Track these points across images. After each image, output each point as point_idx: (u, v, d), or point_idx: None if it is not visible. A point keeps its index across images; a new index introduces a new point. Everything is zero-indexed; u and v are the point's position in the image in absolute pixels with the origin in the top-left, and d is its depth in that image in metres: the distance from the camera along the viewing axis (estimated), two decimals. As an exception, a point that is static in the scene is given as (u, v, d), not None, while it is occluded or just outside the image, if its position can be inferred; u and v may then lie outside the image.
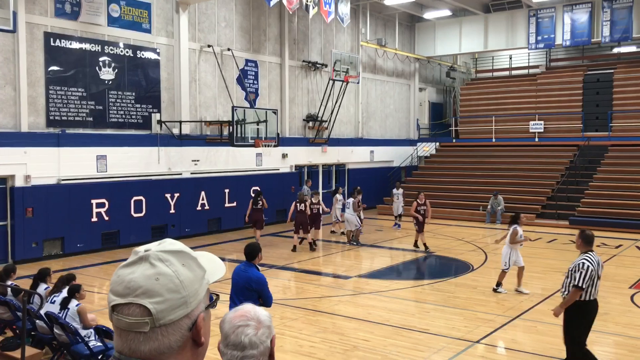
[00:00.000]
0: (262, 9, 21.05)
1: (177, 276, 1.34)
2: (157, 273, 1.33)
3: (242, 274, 6.61)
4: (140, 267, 1.34)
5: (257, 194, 17.39)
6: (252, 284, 6.48)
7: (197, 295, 1.37)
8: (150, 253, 1.36)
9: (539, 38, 26.06)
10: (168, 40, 18.02)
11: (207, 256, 1.53)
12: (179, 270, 1.35)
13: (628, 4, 23.84)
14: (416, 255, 16.27)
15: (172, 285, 1.33)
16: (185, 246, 1.43)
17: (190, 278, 1.37)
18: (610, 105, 25.52)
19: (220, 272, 1.51)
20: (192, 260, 1.40)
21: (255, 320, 1.89)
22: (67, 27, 15.54)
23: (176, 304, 1.32)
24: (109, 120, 16.60)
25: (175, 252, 1.38)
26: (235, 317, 1.91)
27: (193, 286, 1.36)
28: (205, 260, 1.48)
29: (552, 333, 9.14)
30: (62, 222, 15.19)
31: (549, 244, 17.39)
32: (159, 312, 1.30)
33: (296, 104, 22.96)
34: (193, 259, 1.41)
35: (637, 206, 20.40)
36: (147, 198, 17.11)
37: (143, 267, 1.34)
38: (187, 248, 1.43)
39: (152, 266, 1.34)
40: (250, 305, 1.99)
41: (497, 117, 27.39)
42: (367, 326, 9.50)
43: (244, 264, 6.77)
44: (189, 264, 1.39)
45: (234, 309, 1.99)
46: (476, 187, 24.15)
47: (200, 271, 1.41)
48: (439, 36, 28.96)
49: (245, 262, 6.79)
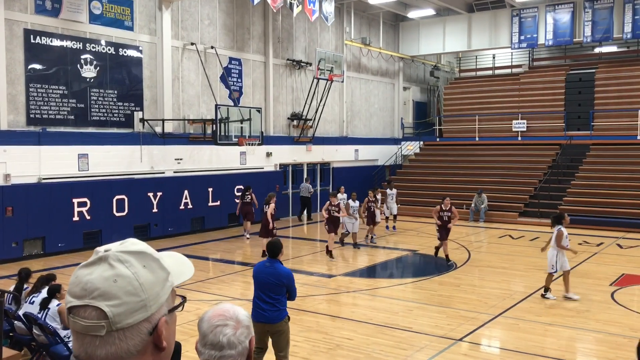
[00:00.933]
0: (246, 7, 20.96)
1: (137, 278, 1.29)
2: (116, 275, 1.28)
3: (270, 271, 6.73)
4: (99, 268, 1.29)
5: (246, 188, 18.40)
6: (283, 279, 6.66)
7: (158, 298, 1.32)
8: (109, 253, 1.31)
9: (522, 38, 26.25)
10: (151, 38, 17.87)
11: (174, 257, 1.47)
12: (139, 272, 1.30)
13: (609, 5, 24.10)
14: (400, 253, 16.30)
15: (130, 287, 1.28)
16: (148, 246, 1.38)
17: (151, 280, 1.31)
18: (592, 104, 25.77)
19: (188, 273, 1.46)
20: (154, 261, 1.35)
21: (234, 320, 1.85)
22: (47, 24, 15.35)
23: (134, 307, 1.27)
24: (90, 119, 16.43)
25: (136, 253, 1.33)
26: (214, 316, 1.88)
27: (154, 289, 1.31)
28: (172, 261, 1.43)
29: (534, 331, 9.21)
30: (43, 222, 14.99)
31: (532, 242, 17.51)
32: (116, 316, 1.26)
33: (280, 103, 22.91)
34: (155, 260, 1.35)
35: (618, 204, 20.64)
36: (130, 197, 16.96)
37: (101, 268, 1.29)
38: (150, 249, 1.38)
39: (110, 267, 1.29)
40: (229, 305, 1.96)
41: (480, 116, 27.55)
42: (350, 325, 9.49)
43: (268, 261, 6.88)
44: (151, 265, 1.33)
45: (213, 308, 1.95)
46: (460, 185, 24.26)
47: (162, 273, 1.35)
48: (423, 35, 29.06)
49: (268, 258, 6.93)
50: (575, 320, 9.71)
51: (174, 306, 1.39)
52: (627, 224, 19.63)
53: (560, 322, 9.57)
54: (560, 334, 9.01)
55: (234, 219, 20.39)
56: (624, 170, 22.35)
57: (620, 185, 21.65)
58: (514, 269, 13.88)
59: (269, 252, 6.94)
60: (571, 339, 8.98)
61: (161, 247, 16.41)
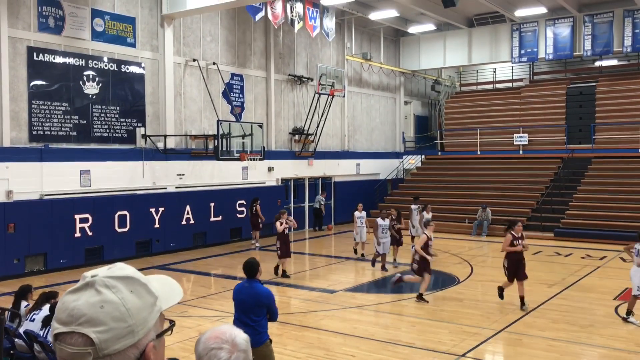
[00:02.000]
0: (247, 23, 21.10)
1: (124, 304, 1.29)
2: (102, 300, 1.28)
3: (249, 291, 6.47)
4: (86, 293, 1.29)
5: (253, 200, 19.47)
6: (263, 299, 6.40)
7: (146, 323, 1.31)
8: (96, 279, 1.31)
9: (522, 52, 26.36)
10: (153, 55, 17.98)
11: (162, 280, 1.47)
12: (126, 297, 1.30)
13: (609, 19, 24.21)
14: (403, 268, 16.23)
15: (117, 313, 1.27)
16: (136, 271, 1.38)
17: (139, 306, 1.31)
18: (593, 117, 25.80)
19: (176, 297, 1.45)
20: (142, 286, 1.34)
21: (230, 344, 1.80)
22: (50, 41, 15.47)
23: (121, 333, 1.27)
24: (92, 135, 16.49)
25: (123, 278, 1.33)
26: (210, 338, 1.84)
27: (141, 314, 1.30)
28: (160, 285, 1.42)
29: (537, 346, 9.15)
30: (45, 238, 15.00)
31: (534, 256, 17.43)
32: (103, 342, 1.25)
33: (282, 118, 22.98)
34: (143, 285, 1.35)
35: (621, 217, 20.58)
36: (132, 213, 16.97)
37: (88, 293, 1.29)
38: (138, 273, 1.37)
39: (97, 293, 1.29)
40: (228, 326, 1.92)
41: (481, 129, 27.59)
42: (352, 341, 9.44)
43: (246, 281, 6.62)
44: (138, 290, 1.33)
45: (211, 329, 1.93)
46: (462, 199, 24.24)
47: (150, 298, 1.35)
48: (423, 50, 29.20)
49: (246, 279, 6.66)
50: (579, 335, 9.64)
51: (162, 330, 1.38)
52: (630, 238, 19.46)
53: (564, 337, 9.50)
54: (564, 349, 8.95)
55: (236, 234, 20.39)
56: (626, 183, 22.32)
57: (623, 198, 21.60)
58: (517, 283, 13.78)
59: (245, 272, 6.66)
60: (575, 354, 8.91)
61: (163, 262, 16.40)
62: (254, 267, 6.64)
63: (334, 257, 17.90)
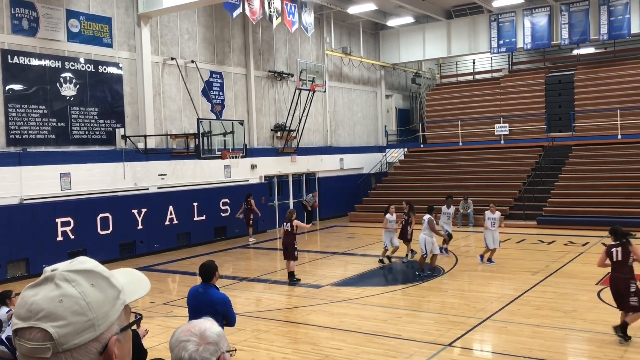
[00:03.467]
0: (225, 20, 20.97)
1: (84, 298, 1.26)
2: (61, 295, 1.25)
3: (203, 297, 6.15)
4: (45, 288, 1.27)
5: (247, 195, 19.80)
6: (217, 306, 6.01)
7: (108, 317, 1.29)
8: (56, 273, 1.29)
9: (501, 42, 26.52)
10: (130, 54, 17.81)
11: (129, 274, 1.45)
12: (86, 291, 1.28)
13: (585, 7, 24.43)
14: (386, 261, 16.29)
15: (77, 307, 1.25)
16: (98, 264, 1.36)
17: (100, 299, 1.29)
18: (572, 105, 26.05)
19: (143, 290, 1.43)
20: (104, 279, 1.32)
21: (198, 336, 1.81)
22: (25, 43, 15.24)
23: (82, 327, 1.25)
24: (72, 137, 16.30)
25: (84, 272, 1.31)
26: (182, 331, 1.85)
27: (102, 308, 1.29)
28: (125, 278, 1.41)
29: (523, 333, 9.23)
30: (26, 243, 14.81)
31: (518, 245, 17.60)
32: (62, 337, 1.23)
33: (263, 114, 22.90)
34: (104, 278, 1.33)
35: (602, 204, 20.81)
36: (114, 215, 16.82)
37: (47, 288, 1.27)
38: (100, 267, 1.35)
39: (56, 287, 1.26)
40: (202, 320, 1.92)
41: (463, 121, 27.73)
42: (339, 335, 9.45)
43: (201, 286, 6.29)
44: (99, 283, 1.31)
45: (186, 323, 1.93)
46: (445, 190, 24.23)
47: (112, 291, 1.33)
48: (403, 43, 29.26)
49: (202, 283, 6.32)
50: (563, 321, 9.74)
51: (128, 324, 1.36)
52: (611, 223, 19.69)
53: (548, 324, 9.59)
54: (548, 335, 9.03)
55: (220, 233, 20.31)
56: (606, 169, 22.58)
57: (604, 184, 21.85)
58: (501, 272, 13.92)
59: (201, 275, 6.31)
60: (559, 339, 9.00)
61: (147, 264, 16.29)
62: (210, 271, 6.29)
63: (320, 253, 17.90)
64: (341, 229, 22.79)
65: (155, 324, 9.87)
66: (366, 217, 24.42)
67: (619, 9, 23.84)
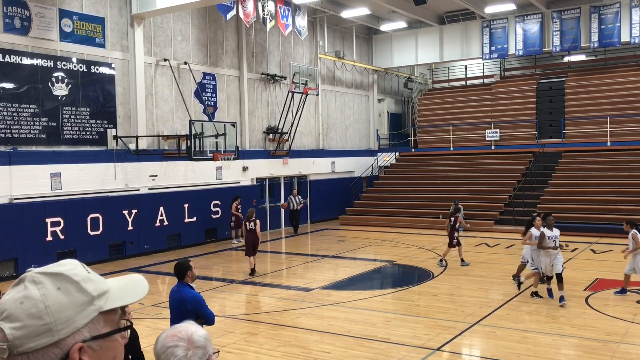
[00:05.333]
0: (219, 22, 20.98)
1: (43, 300, 1.24)
2: (24, 296, 1.25)
3: (176, 296, 6.24)
4: (16, 288, 1.28)
5: (234, 198, 19.92)
6: (187, 305, 6.09)
7: (70, 322, 1.25)
8: (27, 274, 1.29)
9: (493, 48, 26.67)
10: (123, 55, 17.77)
11: (125, 279, 1.42)
12: (48, 294, 1.25)
13: (576, 15, 24.63)
14: (378, 264, 16.33)
15: (34, 310, 1.23)
16: (77, 267, 1.33)
17: (62, 303, 1.25)
18: (562, 112, 26.23)
19: (134, 297, 1.39)
20: (73, 284, 1.29)
21: (186, 341, 1.79)
22: (17, 42, 15.18)
23: (37, 331, 1.22)
24: (63, 137, 16.23)
25: (53, 274, 1.29)
26: (167, 337, 1.83)
27: (64, 313, 1.25)
28: (117, 283, 1.38)
29: (511, 338, 9.29)
30: (15, 243, 14.73)
31: (508, 250, 17.69)
32: (16, 339, 1.22)
33: (256, 117, 22.90)
34: (74, 282, 1.29)
35: (591, 210, 20.96)
36: (104, 215, 16.76)
37: (17, 288, 1.28)
38: (76, 270, 1.32)
39: (24, 288, 1.26)
40: (186, 324, 1.91)
41: (454, 126, 27.85)
42: (328, 338, 9.47)
43: (177, 285, 6.38)
44: (67, 287, 1.28)
45: (170, 328, 1.92)
46: (436, 195, 24.45)
47: (81, 296, 1.28)
48: (395, 48, 29.37)
49: (178, 282, 6.40)
50: (551, 326, 9.81)
51: (107, 332, 1.31)
52: (600, 229, 19.93)
53: (537, 329, 9.66)
54: (536, 340, 9.10)
55: (211, 235, 20.28)
56: (595, 176, 22.75)
57: (593, 191, 22.01)
58: (491, 277, 14.00)
59: (176, 275, 6.42)
60: (547, 345, 9.06)
61: (137, 265, 16.24)
62: (182, 269, 6.36)
63: (310, 256, 17.92)
64: (332, 232, 22.81)
65: (144, 326, 9.84)
66: (357, 221, 24.47)
67: (609, 17, 24.06)
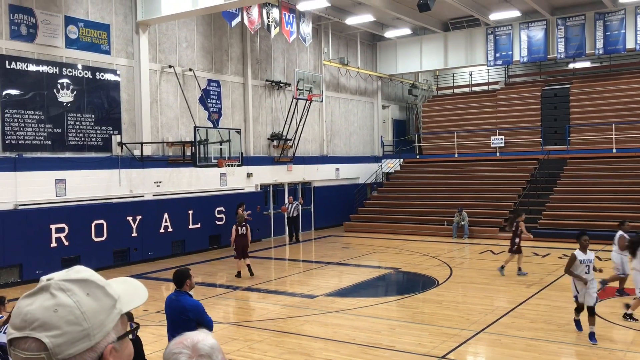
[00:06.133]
0: (223, 29, 21.04)
1: (79, 307, 1.27)
2: (57, 304, 1.26)
3: (175, 305, 6.24)
4: (40, 297, 1.27)
5: (239, 205, 19.34)
6: (189, 313, 6.12)
7: (103, 326, 1.30)
8: (51, 282, 1.29)
9: (497, 55, 26.67)
10: (128, 62, 17.83)
11: (127, 283, 1.46)
12: (81, 300, 1.28)
13: (581, 22, 24.62)
14: (382, 272, 16.28)
15: (72, 317, 1.25)
16: (94, 273, 1.36)
17: (95, 309, 1.29)
18: (567, 119, 26.17)
19: (139, 299, 1.44)
20: (99, 289, 1.33)
21: (190, 349, 1.80)
22: (23, 49, 15.26)
23: (77, 337, 1.25)
24: (67, 143, 16.28)
25: (79, 281, 1.31)
26: (175, 344, 1.85)
27: (97, 317, 1.29)
28: (122, 287, 1.41)
29: (516, 346, 9.22)
30: (20, 249, 14.75)
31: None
32: (56, 347, 1.23)
33: (260, 123, 22.93)
34: (100, 287, 1.33)
35: (597, 217, 20.86)
36: (108, 222, 16.77)
37: (43, 297, 1.27)
38: (96, 275, 1.36)
39: (52, 297, 1.27)
40: (195, 333, 1.91)
41: (459, 132, 27.81)
42: (333, 345, 9.42)
43: (175, 293, 6.39)
44: (95, 293, 1.31)
45: (180, 335, 1.92)
46: (440, 202, 24.39)
47: (108, 300, 1.33)
48: (400, 54, 29.39)
49: (175, 290, 6.41)
50: (557, 334, 9.75)
51: (124, 333, 1.36)
52: (606, 237, 19.76)
53: (542, 337, 9.59)
54: (542, 349, 9.03)
55: (215, 241, 20.26)
56: (601, 183, 22.66)
57: (598, 198, 21.92)
58: (496, 285, 13.93)
59: (174, 282, 6.44)
60: (553, 353, 9.00)
61: (141, 271, 16.23)
62: (181, 277, 6.36)
63: (315, 262, 17.88)
64: (336, 239, 22.77)
65: (148, 332, 9.82)
66: (361, 227, 24.43)
67: (614, 24, 24.03)
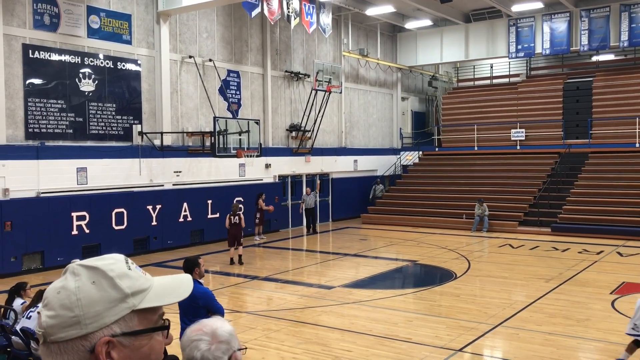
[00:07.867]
0: (243, 20, 21.06)
1: (76, 293, 1.26)
2: (62, 287, 1.29)
3: None
4: (61, 278, 1.32)
5: (258, 195, 20.11)
6: (198, 300, 6.20)
7: (100, 318, 1.26)
8: (70, 265, 1.33)
9: (519, 47, 26.34)
10: (149, 52, 17.94)
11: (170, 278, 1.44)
12: (82, 287, 1.27)
13: (605, 13, 24.20)
14: (400, 264, 16.27)
15: (67, 301, 1.25)
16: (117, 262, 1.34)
17: (93, 298, 1.26)
18: (589, 112, 25.81)
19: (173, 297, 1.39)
20: (107, 279, 1.29)
21: (210, 335, 1.83)
22: (46, 38, 15.42)
23: (67, 322, 1.24)
24: (89, 132, 16.46)
25: (90, 268, 1.31)
26: (193, 331, 1.88)
27: (94, 307, 1.26)
28: (161, 281, 1.39)
29: (534, 340, 9.17)
30: (42, 236, 14.98)
31: (532, 251, 17.48)
32: (49, 327, 1.25)
33: (279, 114, 22.96)
34: (109, 278, 1.29)
35: (618, 212, 20.61)
36: (129, 210, 16.95)
37: (61, 278, 1.32)
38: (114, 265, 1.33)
39: (64, 279, 1.31)
40: (212, 320, 1.94)
41: (479, 125, 27.58)
42: (350, 336, 9.45)
43: None
44: (101, 282, 1.28)
45: (197, 322, 1.95)
46: (459, 195, 24.25)
47: (113, 292, 1.28)
48: (420, 46, 29.18)
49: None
50: (575, 330, 9.67)
51: (137, 330, 1.31)
52: (627, 232, 19.59)
53: (561, 332, 9.52)
54: (560, 343, 8.97)
55: (233, 231, 20.37)
56: (623, 178, 22.35)
57: (620, 192, 21.64)
58: (514, 279, 13.84)
59: (184, 270, 6.53)
60: (571, 348, 8.93)
61: (160, 260, 16.41)
62: (190, 265, 6.43)
63: (332, 254, 17.91)
64: (353, 231, 22.78)
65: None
66: (379, 220, 24.40)
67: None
